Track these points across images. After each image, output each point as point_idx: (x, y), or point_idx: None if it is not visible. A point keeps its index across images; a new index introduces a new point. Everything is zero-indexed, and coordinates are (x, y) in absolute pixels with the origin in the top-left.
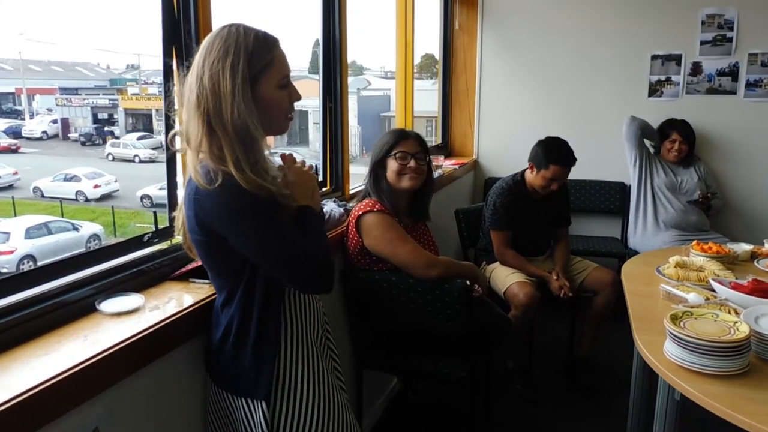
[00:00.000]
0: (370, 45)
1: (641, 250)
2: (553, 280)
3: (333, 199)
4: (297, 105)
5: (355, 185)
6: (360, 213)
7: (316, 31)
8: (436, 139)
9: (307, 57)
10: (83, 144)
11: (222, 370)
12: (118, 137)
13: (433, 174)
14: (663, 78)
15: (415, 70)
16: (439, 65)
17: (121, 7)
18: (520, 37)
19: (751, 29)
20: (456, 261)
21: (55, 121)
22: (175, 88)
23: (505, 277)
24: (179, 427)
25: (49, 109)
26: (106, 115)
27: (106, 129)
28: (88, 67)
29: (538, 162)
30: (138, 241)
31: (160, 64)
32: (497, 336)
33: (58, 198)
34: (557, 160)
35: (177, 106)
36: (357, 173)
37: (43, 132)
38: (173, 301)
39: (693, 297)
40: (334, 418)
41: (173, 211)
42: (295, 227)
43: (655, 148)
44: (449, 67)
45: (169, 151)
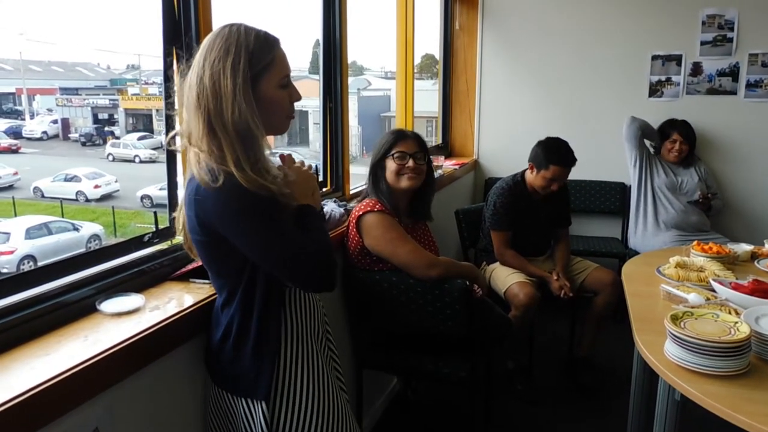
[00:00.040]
0: (370, 45)
1: (641, 251)
2: (554, 280)
3: (333, 200)
4: (297, 105)
5: (355, 185)
6: (360, 213)
7: (316, 31)
8: (436, 139)
9: (307, 57)
10: (83, 144)
11: (222, 370)
12: (118, 137)
13: (434, 174)
14: (663, 78)
15: (415, 71)
16: (439, 65)
17: (121, 7)
18: (520, 37)
19: (752, 30)
20: (456, 261)
21: (55, 121)
22: (176, 88)
23: (505, 278)
24: (179, 427)
25: (49, 110)
26: (106, 116)
27: (107, 129)
28: (88, 68)
29: (538, 162)
30: (138, 242)
31: (160, 64)
32: (497, 336)
33: (59, 198)
34: (557, 161)
35: (177, 106)
36: (357, 173)
37: (43, 132)
38: (173, 301)
39: (693, 297)
40: (333, 418)
41: (173, 212)
42: (296, 226)
43: (656, 149)
44: (449, 67)
45: (169, 151)
